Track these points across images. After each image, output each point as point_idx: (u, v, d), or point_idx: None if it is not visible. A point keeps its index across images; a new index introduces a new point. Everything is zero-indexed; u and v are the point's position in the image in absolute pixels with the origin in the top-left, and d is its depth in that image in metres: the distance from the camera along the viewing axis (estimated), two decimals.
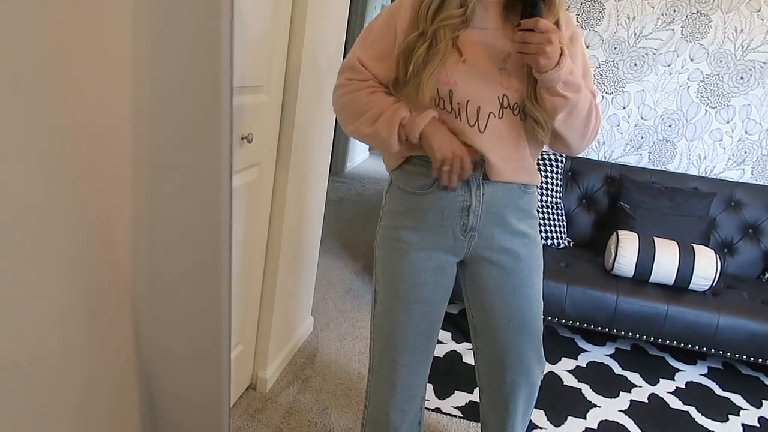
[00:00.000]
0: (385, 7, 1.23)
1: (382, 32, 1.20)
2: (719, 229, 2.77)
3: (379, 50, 1.20)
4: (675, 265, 2.37)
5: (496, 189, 1.20)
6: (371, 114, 1.17)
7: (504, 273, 1.25)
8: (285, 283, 1.99)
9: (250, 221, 1.69)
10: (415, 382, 1.36)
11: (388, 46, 1.19)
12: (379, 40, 1.20)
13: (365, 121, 1.17)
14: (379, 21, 1.22)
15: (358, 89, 1.19)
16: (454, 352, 2.40)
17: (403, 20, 1.17)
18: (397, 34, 1.17)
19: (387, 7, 1.23)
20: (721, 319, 2.29)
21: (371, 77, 1.20)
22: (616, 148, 3.05)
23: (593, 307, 2.38)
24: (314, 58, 1.80)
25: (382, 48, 1.19)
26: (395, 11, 1.19)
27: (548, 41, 1.03)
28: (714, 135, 2.93)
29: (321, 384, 2.05)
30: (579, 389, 2.25)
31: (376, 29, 1.21)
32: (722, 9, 2.77)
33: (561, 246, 2.74)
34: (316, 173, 2.11)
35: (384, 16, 1.21)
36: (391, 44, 1.18)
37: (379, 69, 1.19)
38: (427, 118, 1.13)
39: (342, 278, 3.06)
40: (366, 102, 1.18)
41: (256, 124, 1.58)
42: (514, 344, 1.29)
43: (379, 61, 1.19)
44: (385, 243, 1.29)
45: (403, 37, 1.16)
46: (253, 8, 1.42)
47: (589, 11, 2.91)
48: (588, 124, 1.17)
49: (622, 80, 2.96)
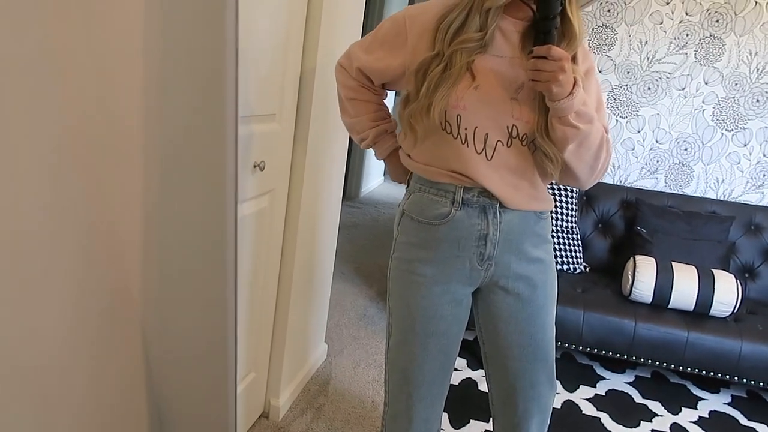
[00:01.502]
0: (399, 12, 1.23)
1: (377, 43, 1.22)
2: (739, 254, 2.72)
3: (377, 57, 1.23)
4: (695, 291, 2.33)
5: (513, 216, 1.18)
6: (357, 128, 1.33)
7: (519, 301, 1.23)
8: (298, 310, 1.98)
9: (263, 248, 1.70)
10: (431, 415, 1.33)
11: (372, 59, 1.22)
12: (363, 52, 1.24)
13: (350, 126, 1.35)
14: (381, 31, 1.22)
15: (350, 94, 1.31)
16: (469, 380, 2.36)
17: (418, 29, 1.15)
18: (409, 40, 1.16)
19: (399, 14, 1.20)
20: (744, 346, 2.23)
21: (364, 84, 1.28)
22: (632, 172, 3.02)
23: (611, 334, 2.33)
24: (326, 84, 1.82)
25: (366, 59, 1.24)
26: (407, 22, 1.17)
27: (561, 69, 1.01)
28: (731, 158, 2.90)
29: (335, 412, 2.03)
30: (598, 418, 2.19)
31: (371, 39, 1.24)
32: (736, 32, 2.76)
33: (577, 271, 2.71)
34: (330, 199, 2.11)
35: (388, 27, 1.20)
36: (380, 56, 1.20)
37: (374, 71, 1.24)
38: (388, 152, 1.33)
39: (356, 304, 3.04)
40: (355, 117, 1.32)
41: (269, 151, 1.60)
42: (526, 371, 1.26)
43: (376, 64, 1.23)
44: (399, 276, 1.27)
45: (414, 44, 1.15)
46: (265, 38, 1.45)
47: (601, 36, 2.92)
48: (598, 158, 1.15)
49: (636, 104, 2.95)
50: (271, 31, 1.47)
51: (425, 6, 1.18)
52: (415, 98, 1.13)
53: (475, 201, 1.17)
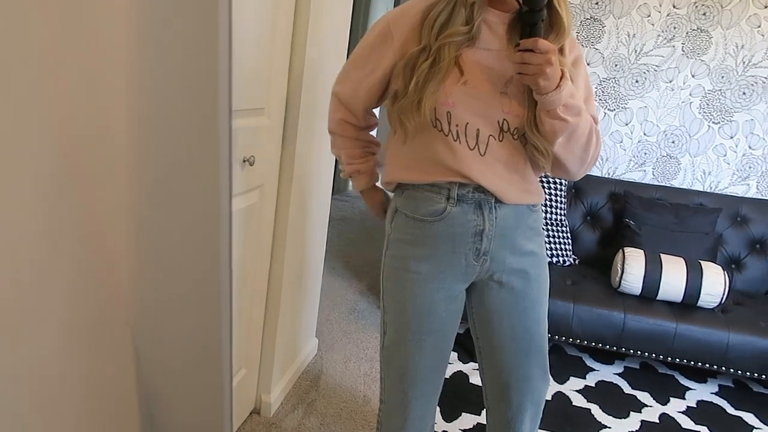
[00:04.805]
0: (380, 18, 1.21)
1: (365, 57, 1.21)
2: (726, 245, 2.75)
3: (355, 81, 1.23)
4: (683, 282, 2.35)
5: (508, 211, 1.18)
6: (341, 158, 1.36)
7: (513, 295, 1.23)
8: (288, 305, 1.97)
9: (253, 243, 1.68)
10: (426, 412, 1.33)
11: (366, 73, 1.20)
12: (356, 70, 1.23)
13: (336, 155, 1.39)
14: (367, 42, 1.20)
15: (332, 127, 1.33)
16: (460, 373, 2.37)
17: (401, 31, 1.14)
18: (388, 50, 1.15)
19: (380, 22, 1.19)
20: (731, 337, 2.25)
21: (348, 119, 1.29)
22: (620, 165, 3.04)
23: (600, 326, 2.35)
24: (315, 79, 1.80)
25: (357, 78, 1.22)
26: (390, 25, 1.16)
27: (548, 62, 1.00)
28: (718, 150, 2.92)
29: (326, 407, 2.02)
30: (588, 409, 2.21)
31: (360, 52, 1.22)
32: (722, 25, 2.78)
33: (566, 264, 2.72)
34: (319, 193, 2.10)
35: (374, 37, 1.19)
36: (373, 68, 1.19)
37: (355, 103, 1.26)
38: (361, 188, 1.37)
39: (346, 298, 3.03)
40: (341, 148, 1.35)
41: (258, 146, 1.58)
42: (520, 365, 1.27)
43: (354, 96, 1.24)
44: (393, 274, 1.26)
45: (396, 48, 1.14)
46: (252, 32, 1.43)
47: (589, 29, 2.92)
48: (588, 150, 1.15)
49: (624, 97, 2.96)
50: (257, 22, 1.44)
51: (405, 6, 1.17)
52: (403, 94, 1.12)
53: (471, 197, 1.16)
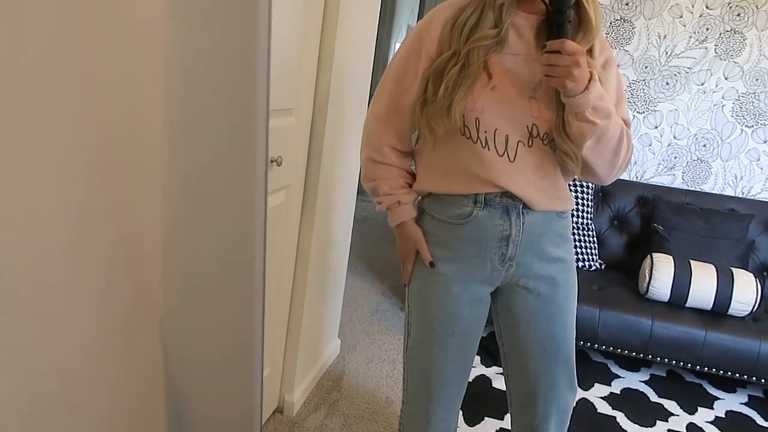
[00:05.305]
0: (411, 29, 1.20)
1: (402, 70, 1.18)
2: (758, 252, 2.68)
3: (395, 96, 1.19)
4: (713, 290, 2.29)
5: (536, 217, 1.17)
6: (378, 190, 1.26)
7: (540, 301, 1.21)
8: (312, 305, 1.98)
9: (278, 243, 1.69)
10: (449, 415, 1.32)
11: (406, 88, 1.17)
12: (394, 85, 1.19)
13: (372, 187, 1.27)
14: (401, 53, 1.19)
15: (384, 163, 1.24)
16: (483, 377, 2.35)
17: (432, 39, 1.14)
18: (422, 59, 1.15)
19: (412, 33, 1.19)
20: (762, 346, 2.20)
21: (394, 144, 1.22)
22: (648, 168, 2.98)
23: (627, 332, 2.31)
24: (342, 80, 1.80)
25: (397, 93, 1.19)
26: (422, 34, 1.15)
27: (575, 64, 0.99)
28: (751, 155, 2.85)
29: (348, 408, 2.02)
30: (614, 417, 2.17)
31: (397, 65, 1.19)
32: (757, 27, 2.71)
33: (592, 268, 2.68)
34: (344, 194, 2.10)
35: (408, 49, 1.18)
36: (412, 81, 1.16)
37: (398, 122, 1.20)
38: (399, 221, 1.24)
39: (368, 299, 3.03)
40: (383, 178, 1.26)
41: (286, 146, 1.59)
42: (547, 372, 1.25)
43: (396, 113, 1.19)
44: (418, 275, 1.25)
45: (430, 56, 1.14)
46: (282, 33, 1.44)
47: (619, 30, 2.88)
48: (618, 153, 1.12)
49: (654, 99, 2.91)
50: (286, 23, 1.45)
51: (435, 13, 1.17)
52: (432, 99, 1.12)
53: (498, 201, 1.15)
